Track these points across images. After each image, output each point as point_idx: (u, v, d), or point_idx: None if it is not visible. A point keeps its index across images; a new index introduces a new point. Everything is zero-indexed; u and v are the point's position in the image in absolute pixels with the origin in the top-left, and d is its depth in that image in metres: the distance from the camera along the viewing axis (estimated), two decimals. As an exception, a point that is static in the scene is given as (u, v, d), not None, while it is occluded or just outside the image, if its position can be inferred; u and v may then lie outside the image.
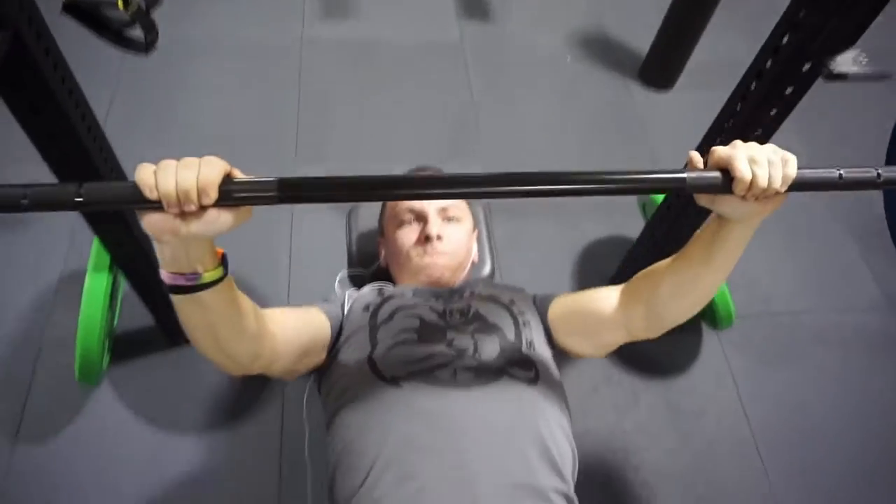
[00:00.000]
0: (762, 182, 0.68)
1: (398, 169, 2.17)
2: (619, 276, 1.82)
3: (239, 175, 0.64)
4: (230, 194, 0.62)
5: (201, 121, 2.25)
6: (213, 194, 0.60)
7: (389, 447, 0.87)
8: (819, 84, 1.11)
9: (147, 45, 1.44)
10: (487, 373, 0.94)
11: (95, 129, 1.09)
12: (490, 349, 0.98)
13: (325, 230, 1.90)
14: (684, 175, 0.70)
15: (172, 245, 0.65)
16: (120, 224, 1.24)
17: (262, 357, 0.85)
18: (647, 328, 0.94)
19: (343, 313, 1.09)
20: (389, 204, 1.30)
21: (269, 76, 2.46)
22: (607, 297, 0.98)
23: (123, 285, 1.74)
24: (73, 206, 0.59)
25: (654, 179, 0.71)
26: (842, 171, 0.71)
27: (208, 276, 0.69)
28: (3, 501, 1.48)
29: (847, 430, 1.83)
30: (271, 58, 2.51)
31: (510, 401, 0.93)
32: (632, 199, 2.08)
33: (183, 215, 0.61)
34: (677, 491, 1.69)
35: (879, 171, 0.72)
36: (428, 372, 0.93)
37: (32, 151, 1.05)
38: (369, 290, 1.15)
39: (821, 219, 2.31)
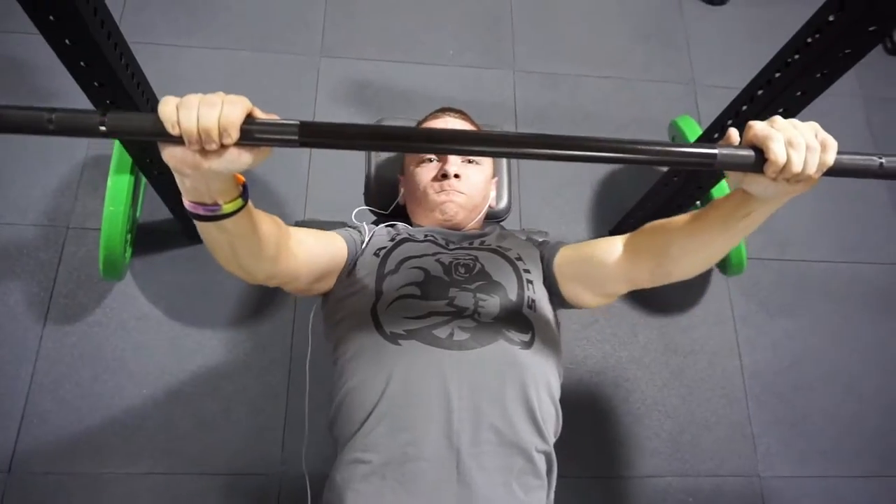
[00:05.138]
0: (796, 167, 0.65)
1: (421, 69, 2.14)
2: (637, 209, 1.80)
3: (260, 115, 0.64)
4: (251, 134, 0.62)
5: (227, 4, 2.15)
6: (235, 134, 0.61)
7: (385, 401, 0.92)
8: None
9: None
10: (484, 334, 0.97)
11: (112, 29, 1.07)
12: (490, 309, 1.00)
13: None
14: (716, 150, 0.67)
15: (192, 178, 0.66)
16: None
17: (277, 277, 0.90)
18: (651, 280, 0.94)
19: (361, 246, 1.10)
20: None
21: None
22: (613, 247, 0.97)
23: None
24: (97, 134, 0.60)
25: (684, 153, 0.68)
26: (883, 160, 0.68)
27: (228, 207, 0.71)
28: (36, 377, 1.61)
29: (834, 387, 1.89)
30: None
31: (502, 364, 0.96)
32: (662, 133, 2.02)
33: (203, 152, 0.62)
34: (663, 422, 1.79)
35: None
36: (427, 331, 0.96)
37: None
38: (384, 230, 1.16)
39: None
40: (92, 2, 0.96)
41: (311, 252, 0.96)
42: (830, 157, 0.66)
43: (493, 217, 1.41)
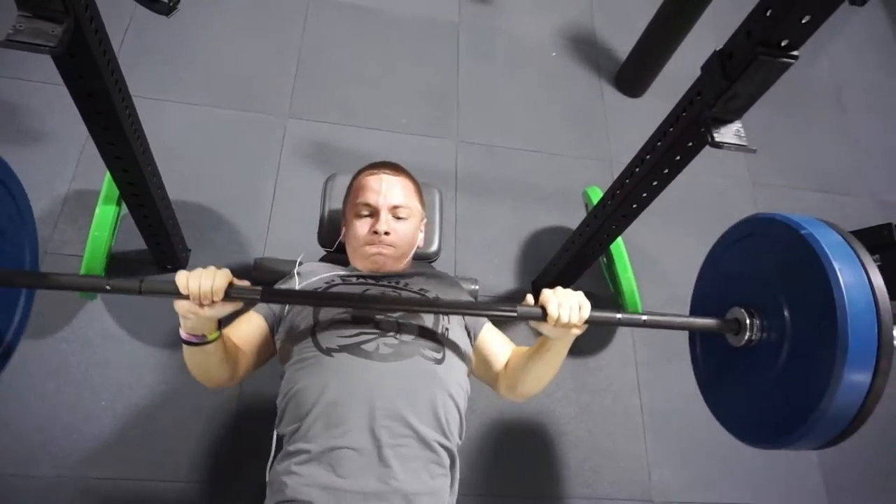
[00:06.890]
0: (564, 319, 1.08)
1: (376, 134, 2.45)
2: (556, 260, 2.09)
3: (237, 282, 1.05)
4: (230, 294, 1.03)
5: (208, 67, 2.44)
6: (221, 295, 1.02)
7: (322, 402, 1.14)
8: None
9: (169, 9, 1.66)
10: (404, 350, 1.20)
11: (125, 93, 1.32)
12: (410, 331, 1.24)
13: (305, 190, 2.15)
14: (517, 309, 1.10)
15: (192, 320, 1.05)
16: (131, 166, 1.48)
17: (234, 379, 1.22)
18: (506, 393, 1.31)
19: (285, 307, 1.33)
20: (353, 191, 1.49)
21: (275, 32, 2.62)
22: (502, 358, 1.33)
23: (123, 211, 1.97)
24: (137, 293, 1.03)
25: (498, 308, 1.16)
26: (619, 316, 1.13)
27: (211, 337, 1.10)
28: (4, 386, 1.76)
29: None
30: (278, 15, 2.67)
31: (417, 375, 1.20)
32: (580, 196, 2.35)
33: (201, 305, 1.01)
34: (570, 450, 2.03)
35: (644, 318, 1.13)
36: (356, 346, 1.19)
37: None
38: (318, 279, 1.38)
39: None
40: (115, 76, 1.23)
41: (246, 348, 1.26)
42: (585, 314, 1.09)
43: (423, 258, 1.67)
